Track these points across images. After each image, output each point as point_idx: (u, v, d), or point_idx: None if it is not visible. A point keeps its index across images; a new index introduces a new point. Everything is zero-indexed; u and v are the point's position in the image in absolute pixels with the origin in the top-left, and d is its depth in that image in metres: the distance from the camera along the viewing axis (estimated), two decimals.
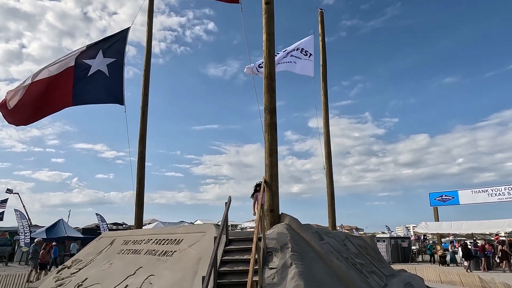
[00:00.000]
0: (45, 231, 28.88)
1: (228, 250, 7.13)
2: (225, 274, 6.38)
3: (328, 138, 15.79)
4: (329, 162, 15.55)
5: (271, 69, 9.32)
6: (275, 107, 9.14)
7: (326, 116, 15.87)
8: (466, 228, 28.02)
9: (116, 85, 13.84)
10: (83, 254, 12.65)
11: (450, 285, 15.15)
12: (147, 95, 14.28)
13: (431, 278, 16.50)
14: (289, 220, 8.23)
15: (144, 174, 13.81)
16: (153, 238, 10.08)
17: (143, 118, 14.05)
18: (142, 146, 13.88)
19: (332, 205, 15.24)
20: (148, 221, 37.14)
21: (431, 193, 33.73)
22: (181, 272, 7.15)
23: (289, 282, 5.97)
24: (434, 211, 32.81)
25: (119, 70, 13.92)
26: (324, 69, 16.26)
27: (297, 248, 7.14)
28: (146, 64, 14.54)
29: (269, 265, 6.62)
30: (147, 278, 7.74)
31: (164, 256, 8.43)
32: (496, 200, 29.65)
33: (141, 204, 13.68)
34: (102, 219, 31.15)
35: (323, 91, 16.10)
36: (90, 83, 13.42)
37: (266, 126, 9.00)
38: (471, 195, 31.19)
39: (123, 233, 13.04)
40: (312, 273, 6.47)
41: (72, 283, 10.07)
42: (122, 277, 8.52)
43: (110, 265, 9.90)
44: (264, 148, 8.95)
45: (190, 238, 8.51)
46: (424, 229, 30.15)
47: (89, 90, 13.48)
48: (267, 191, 8.59)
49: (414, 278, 13.50)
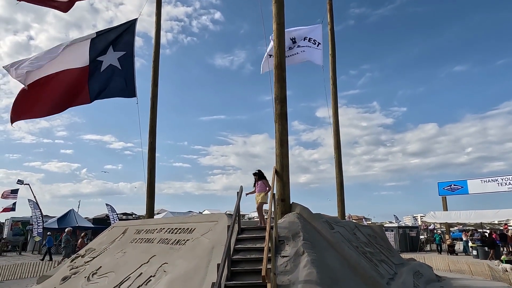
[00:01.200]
0: (57, 221, 29.38)
1: (241, 238, 7.23)
2: (239, 262, 6.48)
3: (337, 127, 15.76)
4: (338, 152, 15.55)
5: (281, 58, 9.30)
6: (286, 97, 9.14)
7: (335, 105, 15.82)
8: (474, 218, 27.89)
9: (128, 78, 14.00)
10: (96, 243, 12.88)
11: (459, 273, 15.17)
12: (157, 86, 14.34)
13: (440, 267, 16.53)
14: (300, 210, 8.30)
15: (154, 164, 13.94)
16: (166, 227, 10.22)
17: (153, 109, 14.12)
18: (152, 137, 13.98)
19: (341, 195, 15.30)
20: (157, 211, 37.51)
21: (439, 182, 33.56)
22: (195, 260, 7.27)
23: (301, 269, 6.06)
24: (442, 201, 32.66)
25: (130, 62, 14.02)
26: (333, 59, 16.16)
27: (309, 237, 7.21)
28: (155, 54, 14.57)
29: (282, 254, 6.70)
30: (161, 266, 7.88)
31: (177, 244, 8.56)
32: (506, 189, 29.40)
33: (152, 194, 13.85)
34: (112, 209, 31.54)
35: (332, 80, 16.03)
36: (103, 78, 13.65)
37: (276, 116, 9.02)
38: (480, 185, 30.97)
39: (135, 223, 13.23)
40: (324, 261, 6.55)
41: (86, 271, 10.28)
42: (136, 265, 8.68)
43: (124, 253, 10.07)
44: (275, 138, 8.98)
45: (203, 227, 8.62)
46: (432, 218, 30.08)
47: (104, 85, 13.74)
48: (277, 181, 8.64)
49: (423, 267, 13.57)
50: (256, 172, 8.86)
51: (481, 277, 13.89)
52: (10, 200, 32.53)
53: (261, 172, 8.82)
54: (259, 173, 8.80)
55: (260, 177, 8.75)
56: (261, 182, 8.65)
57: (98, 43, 13.55)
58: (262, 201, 8.48)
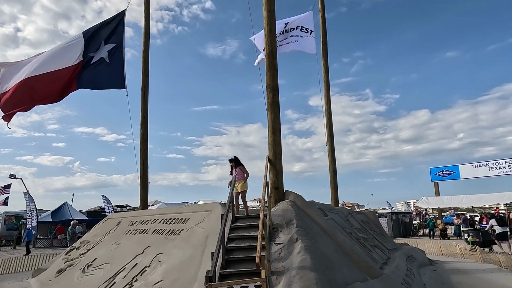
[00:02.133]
0: (50, 214, 29.26)
1: (235, 227, 7.26)
2: (233, 250, 6.51)
3: (330, 115, 15.79)
4: (331, 140, 15.60)
5: (272, 46, 9.23)
6: (277, 85, 9.10)
7: (327, 93, 15.82)
8: (466, 202, 28.32)
9: (118, 70, 13.85)
10: (91, 235, 12.87)
11: (451, 257, 15.44)
12: (147, 76, 14.21)
13: (432, 251, 16.79)
14: (294, 197, 8.34)
15: (147, 155, 13.88)
16: (160, 218, 10.24)
17: (144, 100, 14.02)
18: (144, 128, 13.90)
19: (334, 182, 15.39)
20: (151, 203, 37.48)
21: (432, 168, 33.94)
22: (189, 249, 7.30)
23: (295, 256, 6.11)
24: (435, 186, 33.08)
25: (119, 54, 13.87)
26: (324, 46, 16.09)
27: (302, 224, 7.26)
28: (144, 44, 14.40)
29: (276, 241, 6.75)
30: (156, 256, 7.91)
31: (172, 235, 8.58)
32: (497, 173, 29.85)
33: (146, 185, 13.83)
34: (107, 200, 31.46)
35: (324, 68, 15.99)
36: (92, 71, 13.56)
37: (268, 105, 8.99)
38: (471, 169, 31.38)
39: (129, 214, 13.22)
40: (318, 247, 6.61)
41: (81, 263, 10.29)
42: (131, 256, 8.70)
43: (118, 245, 10.09)
44: (267, 127, 8.97)
45: (197, 216, 8.64)
46: (425, 204, 30.47)
47: (92, 77, 13.63)
48: (271, 169, 8.66)
49: (416, 251, 13.78)
50: (232, 158, 8.47)
51: (472, 260, 14.16)
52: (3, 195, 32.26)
53: (237, 159, 8.47)
54: (235, 160, 8.44)
55: (236, 163, 8.40)
56: (238, 169, 8.31)
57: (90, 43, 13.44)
58: (243, 189, 8.24)
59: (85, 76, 13.29)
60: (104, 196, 31.64)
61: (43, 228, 28.72)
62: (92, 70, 13.37)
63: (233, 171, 8.41)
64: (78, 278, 9.30)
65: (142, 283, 7.09)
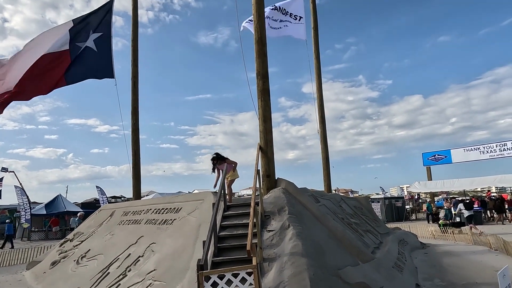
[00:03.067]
0: (44, 207, 29.11)
1: (227, 215, 7.27)
2: (225, 238, 6.54)
3: (322, 102, 15.77)
4: (323, 127, 15.61)
5: (261, 33, 9.13)
6: (267, 72, 9.03)
7: (319, 80, 15.77)
8: (458, 186, 28.65)
9: (105, 59, 13.61)
10: (84, 227, 12.86)
11: (443, 240, 15.68)
12: (137, 66, 14.05)
13: (424, 234, 17.04)
14: (286, 185, 8.36)
15: (139, 146, 13.82)
16: (152, 208, 10.24)
17: (134, 90, 13.88)
18: (135, 118, 13.80)
19: (327, 169, 15.46)
20: (146, 193, 37.42)
21: (424, 153, 34.19)
22: (182, 238, 7.32)
23: (287, 242, 6.15)
24: (427, 171, 33.37)
25: (107, 43, 13.61)
26: (315, 33, 15.98)
27: (294, 210, 7.30)
28: (133, 33, 14.20)
29: (268, 228, 6.78)
30: (149, 246, 7.93)
31: (164, 224, 8.60)
32: (488, 157, 30.15)
33: (138, 176, 13.79)
34: (102, 191, 31.34)
35: (315, 55, 15.91)
36: (79, 61, 13.24)
37: (259, 92, 8.93)
38: (463, 154, 31.65)
39: (122, 205, 13.20)
40: (309, 233, 6.65)
41: (75, 255, 10.30)
42: (124, 246, 8.72)
43: (112, 235, 10.09)
44: (258, 115, 8.93)
45: (189, 206, 8.65)
46: (417, 188, 30.79)
47: (80, 68, 13.32)
48: (262, 157, 8.65)
49: (408, 235, 13.98)
50: (214, 156, 8.28)
51: (463, 242, 14.39)
52: None
53: (219, 155, 8.30)
54: (218, 156, 8.27)
55: (220, 159, 8.24)
56: (225, 164, 8.10)
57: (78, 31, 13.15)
58: (233, 177, 8.21)
59: (74, 70, 13.03)
60: (98, 187, 31.53)
61: (37, 221, 28.61)
62: (79, 60, 13.11)
63: (216, 168, 8.23)
64: (72, 270, 9.32)
65: (135, 272, 7.12)
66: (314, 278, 5.25)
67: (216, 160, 8.23)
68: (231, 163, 8.33)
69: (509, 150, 28.86)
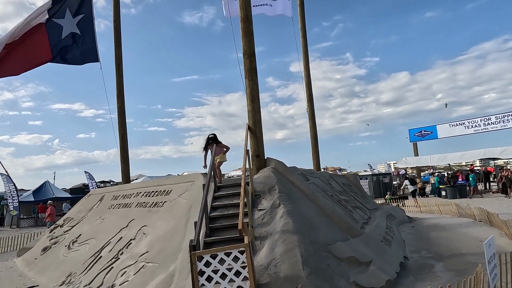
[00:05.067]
0: (32, 194, 28.78)
1: (218, 196, 7.29)
2: (217, 219, 6.57)
3: (309, 81, 15.71)
4: (311, 106, 15.61)
5: (247, 11, 8.96)
6: (254, 51, 8.92)
7: (306, 58, 15.66)
8: (443, 161, 29.20)
9: (89, 42, 13.32)
10: (74, 212, 12.78)
11: (429, 213, 16.07)
12: (120, 48, 13.71)
13: (411, 209, 17.44)
14: (275, 164, 8.39)
15: (126, 129, 13.65)
16: (142, 191, 10.21)
17: (119, 72, 13.59)
18: (121, 101, 13.57)
19: (315, 148, 15.55)
20: (135, 177, 37.28)
21: (410, 129, 34.62)
22: (173, 220, 7.34)
23: (278, 221, 6.22)
24: (413, 147, 33.88)
25: (89, 25, 13.27)
26: (301, 9, 15.76)
27: (284, 189, 7.35)
28: (115, 13, 13.79)
29: (258, 207, 6.84)
30: (140, 229, 7.94)
31: (155, 207, 8.59)
32: (472, 132, 30.70)
33: (126, 159, 13.68)
34: (90, 176, 31.07)
35: (302, 32, 15.73)
36: (65, 45, 13.06)
37: (246, 72, 8.84)
38: (448, 129, 32.15)
39: (112, 189, 13.13)
40: (300, 211, 6.73)
41: (66, 240, 10.27)
42: (115, 230, 8.71)
43: (102, 220, 10.07)
44: (246, 95, 8.86)
45: (179, 188, 8.64)
46: (404, 164, 31.29)
47: (66, 52, 13.15)
48: (251, 137, 8.64)
49: (396, 210, 14.28)
50: (211, 136, 8.31)
51: (449, 215, 14.78)
52: None
53: (216, 136, 8.35)
54: (215, 137, 8.31)
55: (216, 141, 8.25)
56: (217, 147, 8.13)
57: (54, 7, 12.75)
58: (221, 160, 8.22)
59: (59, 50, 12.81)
60: (87, 172, 31.25)
61: (26, 208, 28.35)
62: (64, 43, 12.85)
63: (210, 147, 8.19)
64: (64, 255, 9.31)
65: (128, 255, 7.15)
66: (305, 254, 5.34)
67: (212, 141, 8.24)
68: (223, 147, 8.35)
69: (493, 124, 29.41)
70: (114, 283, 6.41)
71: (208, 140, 8.29)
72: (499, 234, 9.57)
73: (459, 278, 4.81)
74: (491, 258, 4.26)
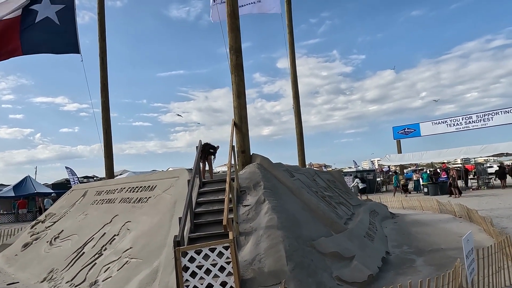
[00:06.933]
0: (13, 189, 28.18)
1: (203, 192, 7.28)
2: (201, 214, 6.57)
3: (295, 77, 15.77)
4: (297, 102, 15.68)
5: (234, 6, 8.92)
6: (241, 46, 8.90)
7: (292, 55, 15.70)
8: (426, 158, 29.73)
9: (69, 33, 12.94)
10: (56, 207, 12.57)
11: (412, 210, 16.38)
12: (105, 40, 13.49)
13: (394, 205, 17.73)
14: (261, 160, 8.42)
15: (110, 124, 13.47)
16: (126, 186, 10.10)
17: (103, 66, 13.39)
18: (104, 95, 13.38)
19: (301, 144, 15.65)
20: (119, 172, 36.83)
21: (394, 126, 35.09)
22: (158, 216, 7.30)
23: (263, 216, 6.25)
24: (397, 144, 34.37)
25: (70, 16, 12.93)
26: (288, 6, 15.78)
27: (269, 185, 7.39)
28: (99, 5, 13.57)
29: (243, 203, 6.86)
30: (124, 224, 7.87)
31: (139, 202, 8.52)
32: (454, 130, 31.30)
33: (110, 154, 13.51)
34: (72, 172, 30.54)
35: (288, 29, 15.76)
36: (38, 30, 12.47)
37: (232, 67, 8.82)
38: (431, 127, 32.69)
39: (95, 184, 12.96)
40: (284, 207, 6.78)
41: (48, 236, 10.10)
42: (99, 226, 8.62)
43: (85, 215, 9.93)
44: (232, 90, 8.85)
45: (164, 183, 8.58)
46: (388, 161, 31.76)
47: (39, 39, 12.58)
48: (237, 133, 8.64)
49: (379, 206, 14.49)
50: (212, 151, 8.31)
51: (430, 211, 15.09)
52: None
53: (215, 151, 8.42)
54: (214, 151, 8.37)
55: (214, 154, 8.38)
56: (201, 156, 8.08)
57: None
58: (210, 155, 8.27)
59: (30, 37, 12.26)
60: (68, 168, 30.72)
61: (5, 203, 27.78)
62: (37, 29, 12.32)
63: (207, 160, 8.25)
64: (46, 251, 9.16)
65: (111, 251, 7.08)
66: (289, 249, 5.39)
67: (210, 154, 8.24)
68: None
69: (474, 122, 30.03)
70: (97, 279, 6.34)
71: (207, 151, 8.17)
72: (478, 229, 9.82)
73: (439, 273, 4.93)
74: (469, 253, 4.38)
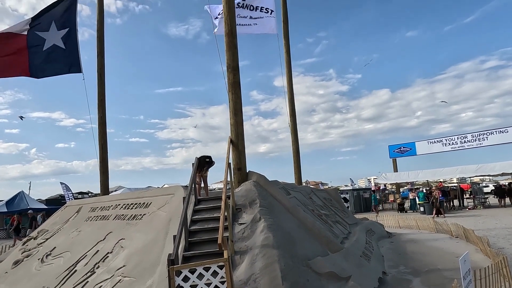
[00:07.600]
0: (5, 204, 27.81)
1: (198, 209, 7.22)
2: (196, 232, 6.50)
3: (292, 96, 15.90)
4: (293, 120, 15.77)
5: (231, 25, 9.06)
6: (238, 64, 9.00)
7: (289, 73, 15.87)
8: (422, 177, 29.81)
9: (73, 54, 13.45)
10: (49, 224, 12.40)
11: (408, 229, 16.30)
12: (103, 57, 13.61)
13: (391, 224, 17.64)
14: (257, 177, 8.40)
15: (106, 139, 13.45)
16: (121, 203, 10.01)
17: (101, 82, 13.47)
18: (102, 111, 13.40)
19: (297, 162, 15.66)
20: (114, 188, 36.52)
21: (390, 145, 35.29)
22: (152, 233, 7.21)
23: (258, 235, 6.19)
24: (393, 162, 34.48)
25: (73, 38, 13.37)
26: (285, 26, 16.04)
27: (265, 203, 7.35)
28: (99, 23, 13.74)
29: (239, 221, 6.80)
30: (118, 242, 7.76)
31: (134, 219, 8.43)
32: (450, 149, 31.49)
33: (106, 170, 13.43)
34: (67, 187, 30.24)
35: (285, 48, 15.99)
36: (46, 57, 13.24)
37: (229, 85, 8.90)
38: (427, 146, 32.90)
39: (89, 200, 12.83)
40: (280, 225, 6.73)
41: (40, 253, 9.92)
42: (92, 243, 8.48)
43: (79, 232, 9.79)
44: (229, 108, 8.90)
45: (159, 200, 8.51)
46: (384, 179, 31.79)
47: (47, 64, 13.24)
48: (233, 150, 8.64)
49: (375, 225, 14.42)
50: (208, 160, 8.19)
51: (427, 231, 15.02)
52: None
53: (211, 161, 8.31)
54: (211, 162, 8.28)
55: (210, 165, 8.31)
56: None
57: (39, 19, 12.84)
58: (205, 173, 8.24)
59: (39, 63, 12.98)
60: (63, 183, 30.42)
61: None
62: (46, 56, 13.02)
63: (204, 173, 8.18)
64: (37, 268, 8.98)
65: (104, 269, 6.95)
66: (284, 268, 5.32)
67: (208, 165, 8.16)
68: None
69: (469, 142, 30.27)
70: None
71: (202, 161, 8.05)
72: (474, 250, 9.77)
73: None
74: (466, 273, 4.34)
